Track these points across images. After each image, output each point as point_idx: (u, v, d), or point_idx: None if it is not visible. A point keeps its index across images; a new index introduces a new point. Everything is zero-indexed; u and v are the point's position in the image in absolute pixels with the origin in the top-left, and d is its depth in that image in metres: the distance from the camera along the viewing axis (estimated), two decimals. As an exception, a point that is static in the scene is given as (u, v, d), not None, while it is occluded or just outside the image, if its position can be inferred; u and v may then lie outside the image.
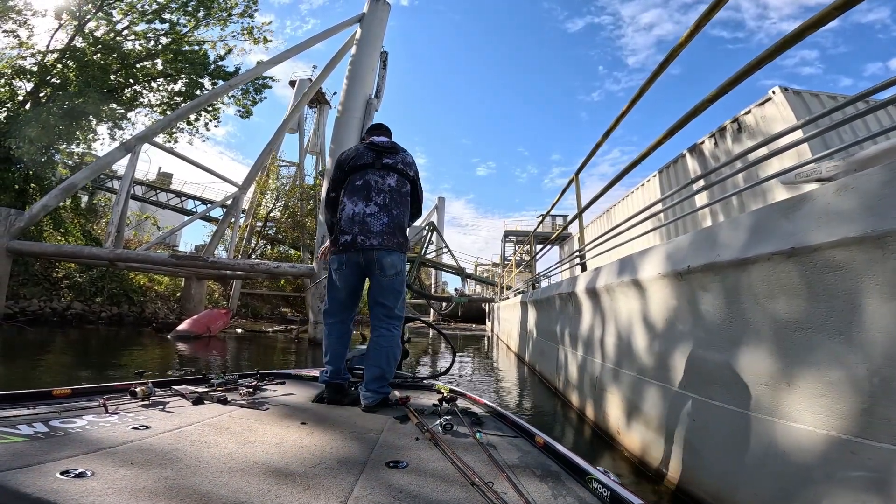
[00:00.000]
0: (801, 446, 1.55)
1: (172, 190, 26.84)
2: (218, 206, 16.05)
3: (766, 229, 1.73)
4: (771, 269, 1.68)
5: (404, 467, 1.26)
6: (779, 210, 1.70)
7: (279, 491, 1.02)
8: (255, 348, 9.98)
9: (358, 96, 14.83)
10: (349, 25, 16.20)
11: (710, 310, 2.07)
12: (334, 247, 2.33)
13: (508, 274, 16.89)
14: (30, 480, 0.91)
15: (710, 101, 2.51)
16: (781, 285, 1.64)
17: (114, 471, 1.02)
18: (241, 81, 15.29)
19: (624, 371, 2.97)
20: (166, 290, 15.52)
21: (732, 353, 1.89)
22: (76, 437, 1.23)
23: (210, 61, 16.86)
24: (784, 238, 1.61)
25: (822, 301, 1.49)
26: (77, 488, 0.90)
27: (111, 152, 11.85)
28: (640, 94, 3.18)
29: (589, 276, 3.81)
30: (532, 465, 1.40)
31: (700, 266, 2.09)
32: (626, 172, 3.41)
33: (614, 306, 3.21)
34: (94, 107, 13.58)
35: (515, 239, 32.66)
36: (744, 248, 1.81)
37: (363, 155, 2.42)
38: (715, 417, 1.99)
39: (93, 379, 4.94)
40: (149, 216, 19.41)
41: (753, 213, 1.86)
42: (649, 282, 2.61)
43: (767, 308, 1.71)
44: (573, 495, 1.17)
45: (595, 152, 4.07)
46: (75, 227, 14.71)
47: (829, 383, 1.46)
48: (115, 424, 1.41)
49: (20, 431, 1.22)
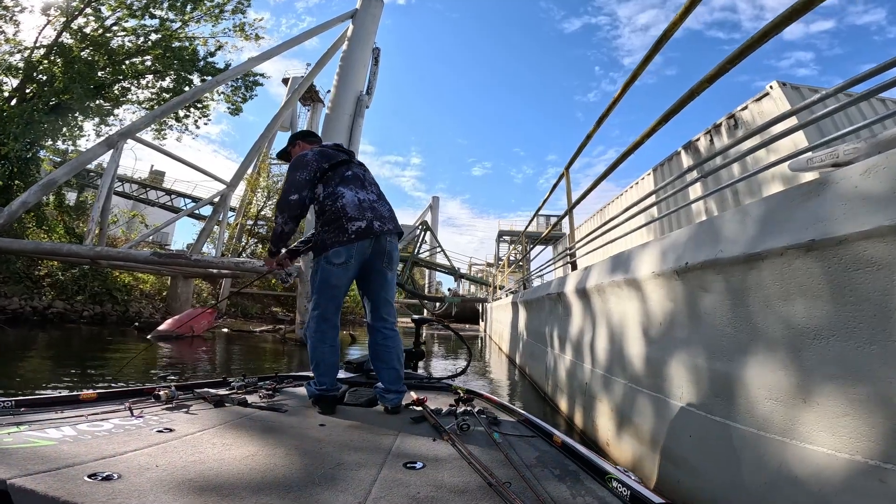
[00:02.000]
0: (818, 472, 1.31)
1: (163, 188, 26.44)
2: (206, 204, 15.71)
3: (778, 219, 1.49)
4: (785, 266, 1.44)
5: (421, 468, 1.27)
6: (794, 196, 1.46)
7: (299, 491, 1.04)
8: (238, 349, 9.69)
9: (348, 93, 14.61)
10: (341, 21, 16.03)
11: (711, 313, 1.83)
12: (335, 241, 2.08)
13: (501, 274, 16.67)
14: (59, 483, 0.93)
15: (708, 80, 2.27)
16: (798, 285, 1.39)
17: (140, 473, 1.05)
18: (229, 77, 15.04)
19: (615, 378, 2.73)
20: (152, 289, 15.17)
21: (738, 363, 1.65)
22: (103, 441, 1.27)
23: (200, 58, 16.69)
24: (801, 229, 1.37)
25: (849, 303, 1.24)
26: (105, 491, 0.93)
27: (93, 148, 11.55)
28: (632, 79, 2.94)
29: (579, 276, 3.57)
30: (550, 464, 1.39)
31: (700, 263, 1.84)
32: (619, 162, 3.17)
33: (605, 308, 2.97)
34: (79, 103, 13.39)
35: (510, 239, 32.46)
36: (752, 242, 1.57)
37: (335, 154, 2.30)
38: (716, 435, 1.74)
39: (52, 386, 4.66)
40: (136, 214, 19.01)
41: (763, 202, 1.62)
42: (643, 281, 2.36)
43: (780, 311, 1.47)
44: (592, 495, 1.16)
45: (586, 143, 3.83)
46: (60, 225, 14.37)
47: (854, 400, 1.22)
48: (141, 428, 1.45)
49: (49, 435, 1.26)
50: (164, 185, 27.39)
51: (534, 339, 6.03)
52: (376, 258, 2.15)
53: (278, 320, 17.28)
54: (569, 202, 4.43)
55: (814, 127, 4.93)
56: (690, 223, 2.96)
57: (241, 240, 21.28)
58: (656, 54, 2.62)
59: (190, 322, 10.17)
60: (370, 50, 16.49)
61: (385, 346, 2.17)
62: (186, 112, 16.90)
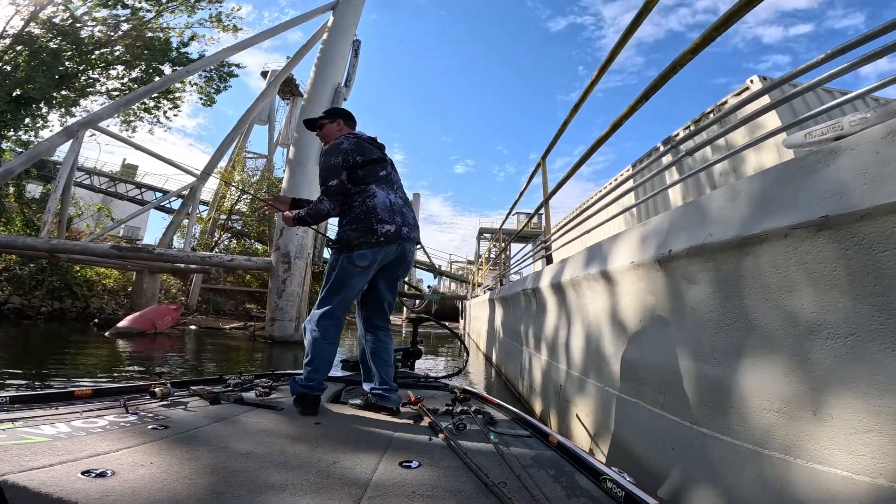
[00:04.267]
0: (830, 498, 1.07)
1: (133, 181, 25.54)
2: (175, 197, 15.14)
3: (780, 196, 1.25)
4: (790, 250, 1.19)
5: (417, 467, 1.26)
6: (797, 169, 1.22)
7: (294, 489, 1.03)
8: (204, 347, 9.25)
9: (326, 84, 14.26)
10: (322, 13, 15.67)
11: (698, 308, 1.58)
12: (359, 241, 2.01)
13: (480, 271, 16.46)
14: (52, 480, 0.92)
15: (692, 51, 2.03)
16: (806, 272, 1.15)
17: (134, 470, 1.04)
18: (200, 67, 14.54)
19: (590, 381, 2.49)
20: (116, 285, 14.50)
21: (730, 367, 1.40)
22: (97, 437, 1.25)
23: (172, 48, 16.16)
24: (811, 204, 1.13)
25: (873, 293, 1.00)
26: (98, 488, 0.92)
27: (51, 137, 11.01)
28: (609, 61, 2.69)
29: (554, 270, 3.32)
30: (545, 465, 1.38)
31: (685, 250, 1.59)
32: (597, 145, 2.93)
33: (581, 304, 2.72)
34: (41, 93, 12.92)
35: (490, 237, 32.32)
36: (747, 223, 1.32)
37: (371, 150, 2.20)
38: (703, 448, 1.50)
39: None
40: (102, 207, 18.24)
41: (759, 177, 1.37)
42: (620, 273, 2.11)
43: (783, 305, 1.22)
44: (587, 496, 1.17)
45: (563, 130, 3.59)
46: (19, 217, 13.67)
47: (879, 413, 0.98)
48: (136, 424, 1.43)
49: (42, 432, 1.24)
50: (136, 179, 26.50)
51: (509, 338, 5.80)
52: (396, 264, 2.13)
53: (251, 317, 16.76)
54: (545, 192, 4.19)
55: (786, 107, 4.79)
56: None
57: (214, 234, 20.60)
58: (635, 30, 2.37)
59: (152, 318, 9.66)
60: (350, 41, 16.15)
61: (385, 345, 2.15)
62: (156, 103, 16.37)
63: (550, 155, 4.20)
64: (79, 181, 21.68)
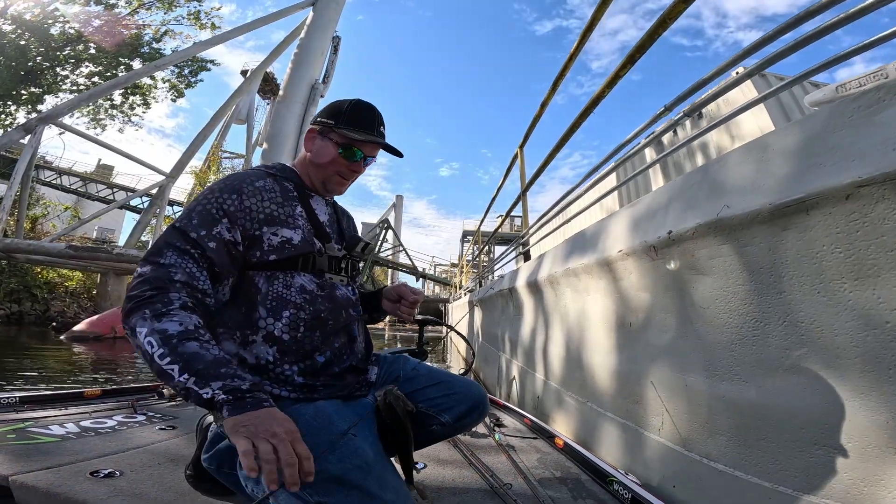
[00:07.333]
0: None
1: (104, 181, 24.61)
2: (142, 195, 14.53)
3: (831, 146, 0.88)
4: (856, 219, 0.81)
5: (423, 468, 1.27)
6: (848, 114, 0.86)
7: None
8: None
9: (303, 80, 13.88)
10: (301, 9, 15.29)
11: (710, 306, 1.20)
12: None
13: (462, 273, 16.11)
14: (60, 480, 0.93)
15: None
16: (884, 247, 0.78)
17: (141, 470, 1.06)
18: (169, 62, 14.03)
19: (572, 395, 2.10)
20: (79, 287, 13.80)
21: (760, 386, 1.02)
22: (105, 438, 1.28)
23: (143, 43, 15.68)
24: (885, 149, 0.76)
25: None
26: (106, 488, 0.93)
27: (8, 133, 10.41)
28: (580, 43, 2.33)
29: (531, 267, 2.94)
30: (552, 466, 1.41)
31: (691, 230, 1.20)
32: (576, 127, 2.57)
33: (560, 304, 2.34)
34: (7, 89, 12.58)
35: (473, 239, 32.02)
36: (786, 185, 0.95)
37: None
38: (719, 491, 1.13)
39: None
40: (69, 207, 17.49)
41: (795, 127, 1.00)
42: (605, 266, 1.73)
43: (848, 299, 0.84)
44: (593, 497, 1.17)
45: (538, 120, 3.23)
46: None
47: None
48: (143, 425, 1.47)
49: (52, 432, 1.27)
50: (112, 179, 25.66)
51: (487, 342, 5.43)
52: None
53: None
54: (522, 183, 3.82)
55: (773, 101, 4.57)
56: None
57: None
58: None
59: (111, 322, 9.05)
60: (329, 38, 15.76)
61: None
62: (123, 98, 15.83)
63: (529, 146, 3.84)
64: (49, 181, 20.87)
